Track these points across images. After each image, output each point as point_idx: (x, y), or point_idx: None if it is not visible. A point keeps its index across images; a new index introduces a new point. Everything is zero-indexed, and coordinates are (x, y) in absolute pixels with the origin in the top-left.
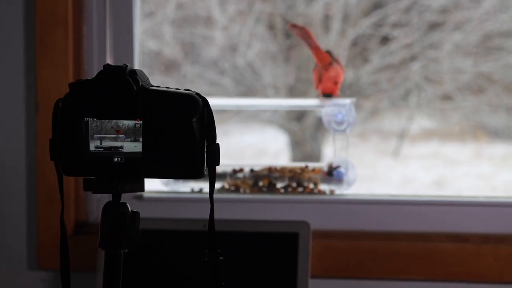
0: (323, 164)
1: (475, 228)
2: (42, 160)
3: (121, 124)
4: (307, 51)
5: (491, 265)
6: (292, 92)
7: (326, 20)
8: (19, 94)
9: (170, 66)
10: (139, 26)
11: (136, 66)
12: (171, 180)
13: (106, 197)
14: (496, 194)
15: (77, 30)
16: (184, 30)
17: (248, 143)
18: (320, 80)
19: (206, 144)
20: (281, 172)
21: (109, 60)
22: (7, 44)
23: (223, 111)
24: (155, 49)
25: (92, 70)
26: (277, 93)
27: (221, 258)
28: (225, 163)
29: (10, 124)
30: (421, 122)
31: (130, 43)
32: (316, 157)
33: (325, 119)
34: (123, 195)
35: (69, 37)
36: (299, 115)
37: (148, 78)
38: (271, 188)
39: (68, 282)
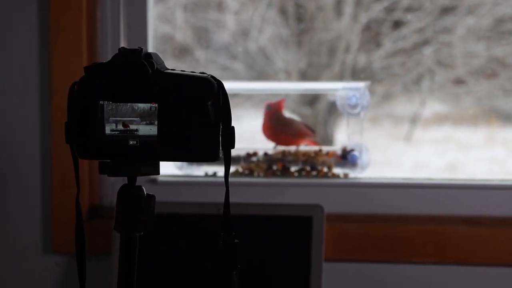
0: (337, 148)
1: (488, 211)
2: (57, 144)
3: (136, 107)
4: (319, 36)
5: (504, 248)
6: (304, 77)
7: (338, 4)
8: (34, 78)
9: (182, 51)
10: (152, 11)
11: (150, 50)
12: (185, 164)
13: (120, 181)
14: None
15: (91, 14)
16: (196, 15)
17: (260, 128)
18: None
19: (221, 127)
20: (295, 156)
21: (123, 44)
22: (21, 28)
23: (235, 95)
24: (167, 34)
25: (106, 54)
26: (289, 78)
27: (236, 241)
28: (239, 147)
29: (25, 108)
30: (434, 107)
31: (144, 27)
32: (329, 142)
33: (339, 103)
34: (137, 178)
35: (83, 21)
36: (311, 100)
37: (163, 61)
38: (285, 171)
39: (83, 266)
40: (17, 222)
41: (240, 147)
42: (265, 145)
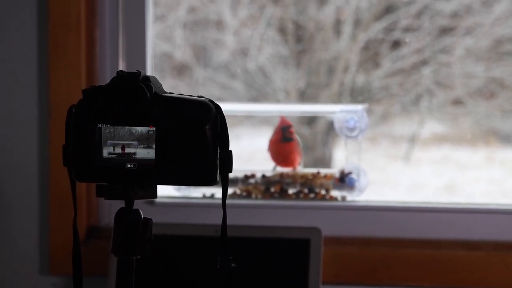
0: (335, 170)
1: (486, 236)
2: (55, 164)
3: (134, 131)
4: (318, 55)
5: (501, 272)
6: (303, 96)
7: (338, 24)
8: (32, 98)
9: (181, 70)
10: (151, 30)
11: (149, 70)
12: (183, 186)
13: (118, 203)
14: (508, 200)
15: (90, 35)
16: (195, 33)
17: (259, 147)
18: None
19: (219, 151)
20: (293, 178)
21: (121, 65)
22: (21, 48)
23: (235, 115)
24: (166, 52)
25: (105, 75)
26: (288, 97)
27: (233, 265)
28: (237, 168)
29: (23, 128)
30: (432, 127)
31: (142, 47)
32: (327, 162)
33: (337, 125)
34: (134, 201)
35: (81, 42)
36: (310, 120)
37: (161, 85)
38: (283, 194)
39: (80, 287)
40: (15, 242)
41: (238, 169)
42: (263, 166)
